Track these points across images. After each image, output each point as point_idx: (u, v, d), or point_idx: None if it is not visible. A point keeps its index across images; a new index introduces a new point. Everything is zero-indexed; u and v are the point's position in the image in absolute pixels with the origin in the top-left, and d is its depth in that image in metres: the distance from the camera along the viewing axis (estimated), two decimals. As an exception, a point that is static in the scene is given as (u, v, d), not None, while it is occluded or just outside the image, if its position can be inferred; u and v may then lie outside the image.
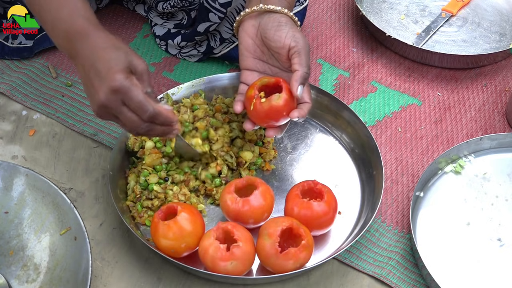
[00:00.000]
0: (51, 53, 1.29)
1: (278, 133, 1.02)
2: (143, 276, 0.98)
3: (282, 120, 0.99)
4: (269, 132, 1.02)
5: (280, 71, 1.03)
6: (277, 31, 0.98)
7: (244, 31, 1.02)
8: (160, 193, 1.01)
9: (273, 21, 0.99)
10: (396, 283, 0.98)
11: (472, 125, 1.21)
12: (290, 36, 0.97)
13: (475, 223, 1.05)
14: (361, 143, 1.11)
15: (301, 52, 0.96)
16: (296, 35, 0.97)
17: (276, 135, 1.02)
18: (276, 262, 0.91)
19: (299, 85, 0.95)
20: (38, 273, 0.93)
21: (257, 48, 1.02)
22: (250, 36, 1.02)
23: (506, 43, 1.36)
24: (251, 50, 1.03)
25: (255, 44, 1.02)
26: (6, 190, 0.97)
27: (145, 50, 1.31)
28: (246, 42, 1.02)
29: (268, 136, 1.02)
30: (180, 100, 1.14)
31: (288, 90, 0.97)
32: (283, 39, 0.97)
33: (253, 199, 0.96)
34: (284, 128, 1.03)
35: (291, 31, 0.97)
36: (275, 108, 0.97)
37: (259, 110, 0.98)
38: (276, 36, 0.98)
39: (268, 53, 1.02)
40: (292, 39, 0.97)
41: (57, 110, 1.19)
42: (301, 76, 0.95)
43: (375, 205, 1.00)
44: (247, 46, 1.02)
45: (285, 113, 0.98)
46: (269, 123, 1.00)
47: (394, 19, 1.41)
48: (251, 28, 1.02)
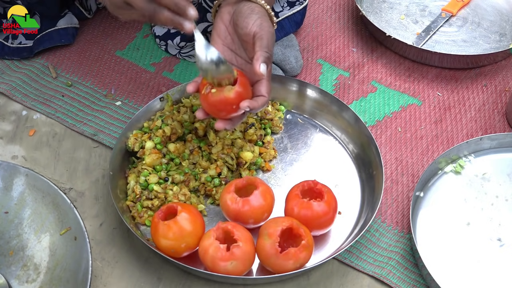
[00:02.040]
0: (51, 53, 1.29)
1: (228, 125, 0.98)
2: (143, 276, 0.98)
3: (233, 112, 0.96)
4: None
5: (245, 62, 1.02)
6: (247, 18, 0.97)
7: (219, 17, 1.02)
8: (160, 193, 1.01)
9: (247, 9, 0.98)
10: (396, 283, 0.98)
11: (472, 125, 1.21)
12: (257, 24, 0.96)
13: (475, 223, 1.05)
14: (361, 143, 1.11)
15: (263, 37, 0.95)
16: (263, 24, 0.96)
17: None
18: (276, 262, 0.91)
19: (261, 63, 0.93)
20: (38, 273, 0.93)
21: (228, 36, 1.02)
22: (224, 22, 1.01)
23: (506, 43, 1.36)
24: (222, 37, 1.02)
25: (227, 31, 1.02)
26: (6, 190, 0.97)
27: (145, 50, 1.31)
28: (219, 28, 1.02)
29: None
30: (180, 100, 1.14)
31: (242, 83, 0.95)
32: (250, 26, 0.96)
33: (253, 199, 0.96)
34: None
35: (259, 20, 0.97)
36: (225, 100, 0.94)
37: (209, 100, 0.95)
38: (244, 23, 0.97)
39: (238, 42, 1.01)
40: (258, 27, 0.96)
41: (57, 110, 1.19)
42: (262, 55, 0.94)
43: (375, 205, 1.01)
44: (219, 31, 1.02)
45: (234, 106, 0.95)
46: (220, 114, 0.97)
47: (394, 19, 1.41)
48: (226, 15, 1.01)
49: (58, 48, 1.29)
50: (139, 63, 1.29)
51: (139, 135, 1.07)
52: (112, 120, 1.17)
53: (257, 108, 0.96)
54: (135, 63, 1.29)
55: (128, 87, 1.24)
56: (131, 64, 1.28)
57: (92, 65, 1.27)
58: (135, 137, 1.06)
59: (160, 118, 1.09)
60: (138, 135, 1.07)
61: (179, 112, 1.09)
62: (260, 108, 0.97)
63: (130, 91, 1.23)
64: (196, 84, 0.99)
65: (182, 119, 1.08)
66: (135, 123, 1.09)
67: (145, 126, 1.09)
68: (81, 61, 1.28)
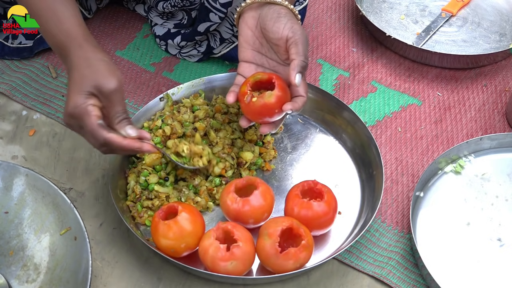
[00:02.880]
0: (51, 53, 1.29)
1: (272, 128, 1.01)
2: (143, 276, 0.98)
3: (276, 116, 0.99)
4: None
5: (277, 64, 1.02)
6: (276, 22, 0.97)
7: (244, 23, 1.02)
8: (161, 193, 1.02)
9: (273, 13, 0.98)
10: (396, 283, 0.98)
11: (472, 125, 1.21)
12: (289, 27, 0.97)
13: (475, 223, 1.05)
14: (361, 143, 1.11)
15: (298, 42, 0.96)
16: (295, 27, 0.97)
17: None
18: (276, 262, 0.91)
19: (297, 73, 0.94)
20: (38, 273, 0.93)
21: (256, 40, 1.02)
22: (250, 27, 1.02)
23: (506, 43, 1.36)
24: (250, 42, 1.02)
25: (254, 35, 1.02)
26: (6, 190, 0.97)
27: (145, 50, 1.31)
28: (246, 34, 1.02)
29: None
30: (180, 100, 1.14)
31: (280, 87, 0.97)
32: (281, 30, 0.97)
33: (253, 199, 0.96)
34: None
35: (290, 23, 0.97)
36: (268, 106, 0.97)
37: (251, 107, 0.98)
38: (274, 27, 0.97)
39: (267, 46, 1.02)
40: (290, 30, 0.96)
41: (57, 110, 1.19)
42: (298, 65, 0.95)
43: (375, 205, 1.00)
44: (246, 37, 1.02)
45: (277, 110, 0.97)
46: (263, 119, 1.00)
47: (394, 19, 1.41)
48: (251, 20, 1.01)
49: (58, 48, 1.29)
50: (139, 63, 1.29)
51: (139, 135, 1.07)
52: (112, 120, 1.17)
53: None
54: (135, 63, 1.29)
55: (128, 87, 1.24)
56: (131, 64, 1.28)
57: (92, 65, 1.27)
58: (135, 137, 1.06)
59: (160, 118, 1.09)
60: (138, 135, 1.07)
61: (179, 112, 1.09)
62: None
63: (130, 91, 1.23)
64: (235, 94, 1.01)
65: (182, 119, 1.08)
66: (135, 123, 1.09)
67: (145, 126, 1.09)
68: (81, 61, 1.28)
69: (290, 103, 0.97)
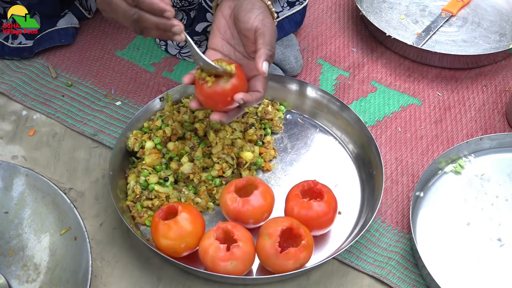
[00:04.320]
0: (51, 53, 1.29)
1: (224, 118, 0.98)
2: (143, 276, 0.98)
3: (228, 105, 0.96)
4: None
5: (243, 57, 1.02)
6: (248, 12, 0.97)
7: (220, 11, 1.02)
8: (161, 193, 1.02)
9: (247, 4, 0.98)
10: (396, 283, 0.98)
11: (472, 125, 1.21)
12: (259, 19, 0.96)
13: (475, 223, 1.05)
14: (361, 143, 1.11)
15: (265, 33, 0.95)
16: (265, 20, 0.96)
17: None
18: (276, 262, 0.91)
19: (263, 61, 0.94)
20: (38, 273, 0.93)
21: (228, 30, 1.02)
22: (224, 16, 1.01)
23: (506, 43, 1.36)
24: (222, 31, 1.02)
25: (227, 25, 1.02)
26: (6, 190, 0.97)
27: (145, 50, 1.31)
28: (219, 22, 1.02)
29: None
30: (180, 100, 1.14)
31: (239, 77, 0.95)
32: (251, 21, 0.96)
33: (253, 199, 0.96)
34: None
35: (262, 15, 0.97)
36: (221, 91, 0.94)
37: (204, 91, 0.95)
38: (246, 17, 0.97)
39: (237, 37, 1.01)
40: (260, 22, 0.96)
41: (57, 110, 1.19)
42: (265, 53, 0.94)
43: (375, 205, 1.01)
44: (219, 25, 1.02)
45: (229, 98, 0.95)
46: (215, 106, 0.97)
47: (394, 19, 1.41)
48: (227, 9, 1.01)
49: (58, 48, 1.29)
50: (139, 63, 1.29)
51: (139, 135, 1.07)
52: (112, 120, 1.17)
53: (251, 102, 0.96)
54: (135, 63, 1.29)
55: (128, 87, 1.24)
56: (131, 64, 1.28)
57: (92, 65, 1.27)
58: (135, 137, 1.07)
59: (160, 118, 1.09)
60: (138, 135, 1.07)
61: (179, 112, 1.09)
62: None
63: (130, 91, 1.23)
64: (192, 76, 0.98)
65: (182, 119, 1.08)
66: (135, 123, 1.09)
67: (145, 126, 1.09)
68: (81, 61, 1.28)
69: (243, 93, 0.95)
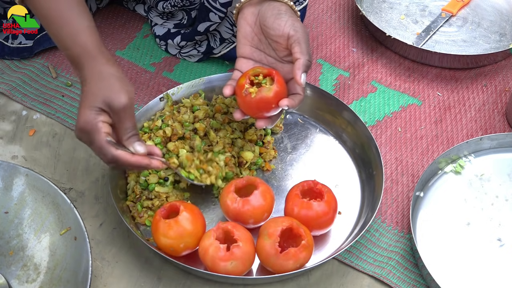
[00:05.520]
0: (51, 53, 1.29)
1: (268, 123, 1.00)
2: (143, 276, 0.98)
3: (272, 111, 0.98)
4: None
5: (275, 61, 1.02)
6: (277, 19, 0.97)
7: (243, 19, 1.02)
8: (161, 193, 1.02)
9: (273, 9, 0.98)
10: (396, 283, 0.98)
11: (472, 125, 1.21)
12: (290, 25, 0.96)
13: (475, 223, 1.05)
14: (361, 143, 1.11)
15: (301, 41, 0.96)
16: (296, 24, 0.96)
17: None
18: (276, 262, 0.91)
19: (302, 73, 0.94)
20: (38, 273, 0.93)
21: (255, 36, 1.02)
22: (249, 23, 1.01)
23: (506, 43, 1.36)
24: (249, 38, 1.02)
25: (253, 32, 1.01)
26: (6, 190, 0.97)
27: (145, 50, 1.31)
28: (245, 30, 1.02)
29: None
30: (180, 100, 1.14)
31: (279, 82, 0.96)
32: (282, 27, 0.96)
33: (253, 199, 0.96)
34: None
35: (291, 20, 0.97)
36: (265, 100, 0.96)
37: (248, 101, 0.97)
38: (275, 24, 0.97)
39: (266, 42, 1.01)
40: (291, 28, 0.96)
41: (57, 110, 1.19)
42: (304, 64, 0.95)
43: (375, 205, 1.00)
44: (245, 33, 1.02)
45: (274, 105, 0.97)
46: (259, 114, 0.99)
47: (394, 19, 1.41)
48: (250, 16, 1.01)
49: (58, 48, 1.29)
50: (139, 63, 1.29)
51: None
52: (112, 120, 1.17)
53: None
54: (135, 63, 1.29)
55: (128, 87, 1.24)
56: (131, 64, 1.28)
57: (92, 65, 1.27)
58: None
59: (160, 118, 1.09)
60: (138, 135, 1.07)
61: (179, 112, 1.09)
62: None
63: (130, 91, 1.23)
64: (231, 87, 1.00)
65: (182, 119, 1.08)
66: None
67: (145, 126, 1.09)
68: (81, 61, 1.28)
69: (287, 99, 0.96)
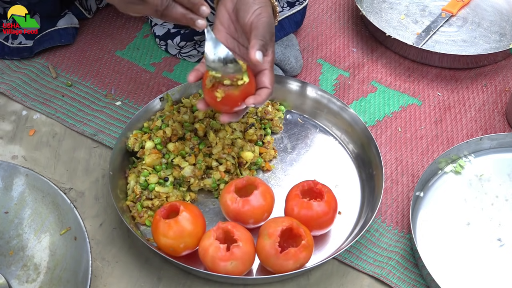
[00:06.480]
0: (51, 53, 1.29)
1: (233, 118, 0.97)
2: (143, 276, 0.98)
3: (237, 107, 0.95)
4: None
5: (247, 52, 0.99)
6: (249, 7, 0.95)
7: (222, 5, 1.01)
8: (161, 193, 1.02)
9: None
10: (396, 283, 0.98)
11: (472, 125, 1.21)
12: (256, 14, 0.94)
13: (475, 223, 1.05)
14: (361, 143, 1.11)
15: (258, 26, 0.93)
16: (262, 14, 0.94)
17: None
18: (276, 262, 0.91)
19: (257, 50, 0.91)
20: (38, 273, 0.93)
21: (231, 24, 1.01)
22: (227, 10, 1.00)
23: (506, 43, 1.36)
24: (225, 25, 1.01)
25: (230, 19, 1.00)
26: (6, 190, 0.97)
27: (145, 50, 1.31)
28: (222, 16, 1.01)
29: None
30: (180, 100, 1.14)
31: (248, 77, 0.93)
32: (249, 15, 0.95)
33: (253, 199, 0.96)
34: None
35: (259, 10, 0.95)
36: (232, 97, 0.93)
37: (214, 98, 0.94)
38: (245, 12, 0.95)
39: (240, 31, 1.00)
40: (256, 17, 0.94)
41: (57, 110, 1.19)
42: (256, 43, 0.92)
43: (375, 205, 1.01)
44: (222, 20, 1.01)
45: (240, 102, 0.94)
46: (224, 109, 0.96)
47: (394, 19, 1.41)
48: (229, 3, 1.00)
49: (58, 48, 1.30)
50: (139, 63, 1.29)
51: (139, 135, 1.07)
52: (112, 120, 1.17)
53: (262, 102, 0.95)
54: (135, 63, 1.29)
55: (128, 87, 1.24)
56: (131, 64, 1.28)
57: (92, 65, 1.27)
58: (135, 137, 1.06)
59: (160, 118, 1.09)
60: (138, 135, 1.07)
61: (179, 112, 1.09)
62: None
63: (130, 91, 1.23)
64: (197, 73, 0.96)
65: (182, 119, 1.08)
66: (135, 123, 1.09)
67: (145, 126, 1.09)
68: (81, 61, 1.28)
69: (252, 97, 0.94)
